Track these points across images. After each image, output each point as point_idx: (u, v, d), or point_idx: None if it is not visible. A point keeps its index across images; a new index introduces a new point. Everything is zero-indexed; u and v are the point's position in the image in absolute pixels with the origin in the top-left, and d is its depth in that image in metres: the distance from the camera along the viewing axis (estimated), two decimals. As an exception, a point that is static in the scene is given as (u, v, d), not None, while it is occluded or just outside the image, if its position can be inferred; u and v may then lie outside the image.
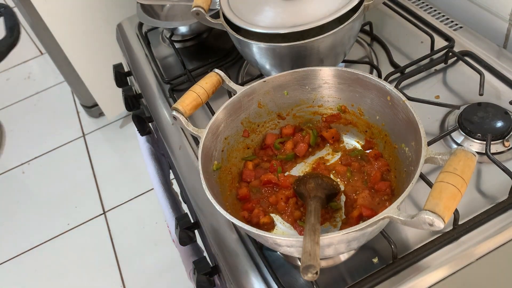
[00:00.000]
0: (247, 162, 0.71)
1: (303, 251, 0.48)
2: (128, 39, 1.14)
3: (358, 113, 0.70)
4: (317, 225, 0.52)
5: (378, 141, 0.69)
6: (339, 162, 0.70)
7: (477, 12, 0.91)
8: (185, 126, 0.66)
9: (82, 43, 1.82)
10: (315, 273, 0.46)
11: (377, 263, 0.61)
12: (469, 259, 0.61)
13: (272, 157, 0.72)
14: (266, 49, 0.75)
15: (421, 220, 0.46)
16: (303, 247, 0.48)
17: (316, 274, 0.46)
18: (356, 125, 0.71)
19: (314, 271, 0.46)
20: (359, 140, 0.72)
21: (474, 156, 0.50)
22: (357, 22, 0.76)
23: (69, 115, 2.37)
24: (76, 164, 2.13)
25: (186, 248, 0.88)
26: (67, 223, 1.90)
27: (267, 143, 0.73)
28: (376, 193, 0.63)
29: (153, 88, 0.99)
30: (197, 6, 0.80)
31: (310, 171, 0.70)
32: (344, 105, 0.71)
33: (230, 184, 0.68)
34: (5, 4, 1.02)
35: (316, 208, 0.56)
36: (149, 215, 1.81)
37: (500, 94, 0.77)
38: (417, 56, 0.85)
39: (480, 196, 0.66)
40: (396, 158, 0.65)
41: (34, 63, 2.77)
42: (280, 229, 0.65)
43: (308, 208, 0.57)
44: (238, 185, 0.69)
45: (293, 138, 0.73)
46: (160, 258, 1.69)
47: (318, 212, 0.56)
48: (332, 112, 0.72)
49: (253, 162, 0.71)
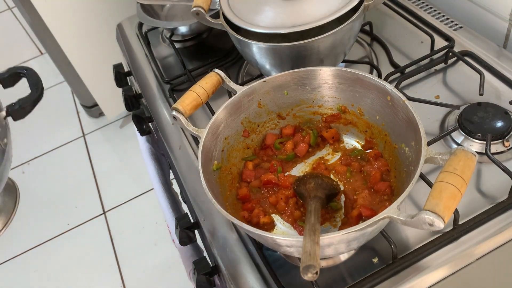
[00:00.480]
0: (247, 162, 0.71)
1: (303, 251, 0.48)
2: (128, 39, 1.14)
3: (358, 113, 0.70)
4: (317, 225, 0.52)
5: (378, 141, 0.69)
6: (339, 162, 0.70)
7: (477, 12, 0.91)
8: (185, 126, 0.66)
9: (82, 43, 1.82)
10: (315, 273, 0.46)
11: (377, 263, 0.61)
12: (469, 259, 0.61)
13: (272, 157, 0.72)
14: (266, 49, 0.75)
15: (421, 220, 0.46)
16: (303, 247, 0.48)
17: (316, 274, 0.46)
18: (356, 125, 0.71)
19: (314, 271, 0.46)
20: (359, 140, 0.72)
21: (474, 156, 0.50)
22: (357, 22, 0.76)
23: (69, 115, 2.37)
24: (76, 164, 2.13)
25: (186, 248, 0.88)
26: (67, 223, 1.90)
27: (267, 143, 0.73)
28: (376, 193, 0.63)
29: (153, 88, 0.99)
30: (197, 6, 0.80)
31: (310, 171, 0.70)
32: (344, 105, 0.71)
33: (230, 184, 0.68)
34: (26, 67, 1.05)
35: (316, 208, 0.57)
36: (149, 215, 1.81)
37: (500, 94, 0.77)
38: (417, 56, 0.85)
39: (480, 196, 0.66)
40: (396, 158, 0.65)
41: (34, 63, 2.77)
42: (280, 229, 0.65)
43: (308, 208, 0.57)
44: (238, 185, 0.69)
45: (293, 138, 0.73)
46: (160, 258, 1.69)
47: (318, 212, 0.56)
48: (332, 112, 0.72)
49: (253, 162, 0.71)
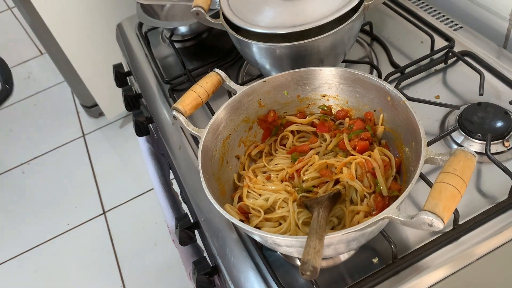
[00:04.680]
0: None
1: (305, 247, 0.48)
2: (128, 39, 1.14)
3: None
4: (322, 221, 0.52)
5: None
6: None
7: (477, 12, 0.91)
8: (185, 126, 0.66)
9: (82, 43, 1.82)
10: (315, 272, 0.46)
11: (377, 263, 0.61)
12: (469, 259, 0.61)
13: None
14: (266, 49, 0.75)
15: (421, 221, 0.46)
16: (306, 244, 0.48)
17: (315, 273, 0.46)
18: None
19: (314, 269, 0.46)
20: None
21: (473, 157, 0.50)
22: (357, 22, 0.76)
23: (69, 115, 2.37)
24: (76, 164, 2.13)
25: (186, 248, 0.88)
26: (67, 223, 1.90)
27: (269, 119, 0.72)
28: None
29: (153, 88, 0.99)
30: (197, 6, 0.80)
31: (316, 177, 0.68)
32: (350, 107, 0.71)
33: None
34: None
35: (323, 216, 0.56)
36: (149, 215, 1.81)
37: (500, 94, 0.77)
38: (417, 56, 0.85)
39: (480, 196, 0.66)
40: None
41: (34, 63, 2.77)
42: (280, 229, 0.65)
43: (314, 214, 0.56)
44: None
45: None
46: (160, 258, 1.69)
47: (324, 215, 0.56)
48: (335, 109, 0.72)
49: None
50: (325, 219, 0.54)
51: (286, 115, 0.73)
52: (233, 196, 0.66)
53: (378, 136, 0.68)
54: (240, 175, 0.70)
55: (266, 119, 0.72)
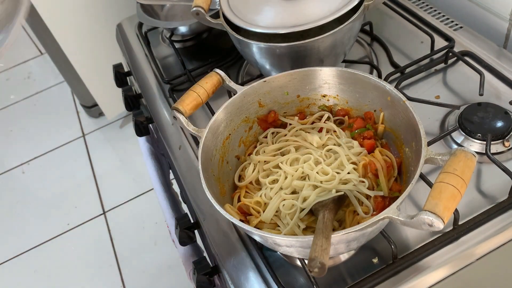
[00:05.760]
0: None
1: (312, 246, 0.48)
2: (128, 39, 1.14)
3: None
4: (328, 222, 0.52)
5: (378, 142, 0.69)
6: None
7: (477, 12, 0.91)
8: (185, 126, 0.66)
9: (82, 43, 1.82)
10: (323, 269, 0.46)
11: (377, 263, 0.61)
12: (469, 259, 0.61)
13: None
14: (266, 49, 0.75)
15: (421, 221, 0.46)
16: (313, 243, 0.48)
17: (323, 269, 0.46)
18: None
19: (322, 266, 0.46)
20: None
21: (474, 157, 0.50)
22: (357, 22, 0.76)
23: (69, 115, 2.37)
24: (76, 164, 2.13)
25: (186, 248, 0.88)
26: (67, 223, 1.90)
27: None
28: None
29: (153, 88, 0.99)
30: (197, 6, 0.80)
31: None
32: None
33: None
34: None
35: (328, 217, 0.56)
36: (149, 215, 1.81)
37: (500, 94, 0.77)
38: (417, 56, 0.85)
39: (480, 196, 0.66)
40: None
41: (34, 63, 2.77)
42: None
43: (320, 216, 0.56)
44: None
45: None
46: (160, 258, 1.69)
47: (330, 217, 0.56)
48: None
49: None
50: (330, 221, 0.54)
51: (286, 115, 0.73)
52: (233, 196, 0.66)
53: (378, 135, 0.68)
54: (240, 175, 0.70)
55: (266, 119, 0.72)
